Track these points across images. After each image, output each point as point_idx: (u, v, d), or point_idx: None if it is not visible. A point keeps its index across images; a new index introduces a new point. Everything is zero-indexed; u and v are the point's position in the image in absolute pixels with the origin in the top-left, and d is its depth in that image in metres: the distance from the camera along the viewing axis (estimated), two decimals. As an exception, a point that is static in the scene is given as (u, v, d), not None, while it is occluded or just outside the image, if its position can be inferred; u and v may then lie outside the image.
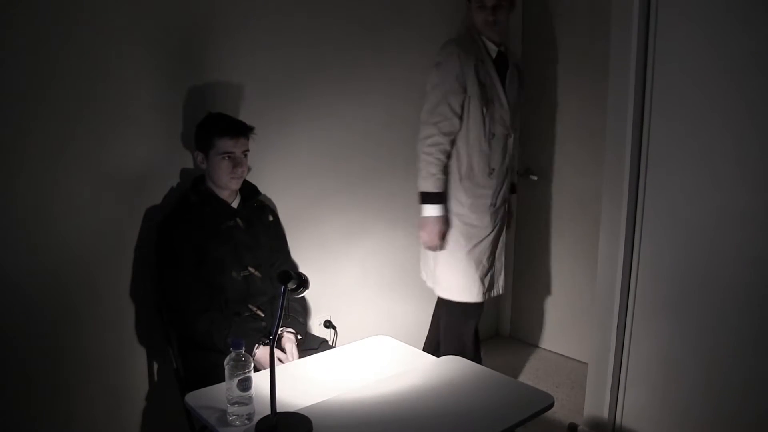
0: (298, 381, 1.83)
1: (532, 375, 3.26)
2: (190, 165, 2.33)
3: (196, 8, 2.29)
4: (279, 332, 2.14)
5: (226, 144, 2.13)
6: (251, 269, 2.20)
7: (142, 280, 2.27)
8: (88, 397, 2.21)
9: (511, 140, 2.60)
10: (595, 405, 2.64)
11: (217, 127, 2.15)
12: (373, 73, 2.89)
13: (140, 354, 2.33)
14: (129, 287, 2.26)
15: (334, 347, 2.29)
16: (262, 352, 2.04)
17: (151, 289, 2.26)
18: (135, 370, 2.33)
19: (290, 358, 2.09)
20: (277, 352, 2.06)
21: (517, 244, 3.65)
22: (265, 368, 1.90)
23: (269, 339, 2.15)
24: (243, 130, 2.18)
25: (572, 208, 3.34)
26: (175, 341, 2.22)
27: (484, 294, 2.64)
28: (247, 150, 2.20)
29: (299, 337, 2.21)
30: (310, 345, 2.24)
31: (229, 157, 2.14)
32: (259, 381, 1.63)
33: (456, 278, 2.62)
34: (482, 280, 2.62)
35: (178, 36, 2.27)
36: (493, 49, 2.55)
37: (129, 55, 2.15)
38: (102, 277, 2.20)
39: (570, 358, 3.42)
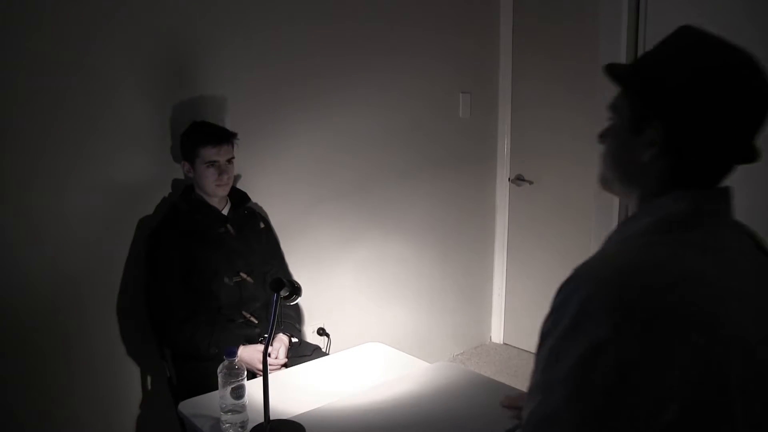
0: (291, 388, 1.83)
1: (525, 381, 3.24)
2: (182, 175, 2.33)
3: (187, 25, 2.31)
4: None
5: (209, 152, 2.14)
6: (243, 275, 2.21)
7: (134, 290, 2.26)
8: (81, 406, 2.20)
9: None
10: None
11: (199, 136, 2.17)
12: (366, 80, 2.90)
13: (133, 363, 2.32)
14: (122, 297, 2.26)
15: (328, 354, 2.29)
16: (242, 351, 2.04)
17: (143, 298, 2.26)
18: (128, 379, 2.32)
19: (276, 358, 2.10)
20: (259, 353, 2.06)
21: (510, 250, 3.66)
22: (248, 367, 1.91)
23: (259, 340, 2.16)
24: (225, 137, 2.19)
25: (565, 214, 3.36)
26: (168, 350, 2.21)
27: None
28: (232, 157, 2.21)
29: (294, 340, 2.22)
30: (303, 352, 2.24)
31: (213, 165, 2.15)
32: (253, 389, 1.62)
33: None
34: None
35: (169, 51, 2.28)
36: None
37: (122, 71, 2.17)
38: (95, 286, 2.20)
39: (563, 363, 3.42)
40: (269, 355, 2.06)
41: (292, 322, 2.31)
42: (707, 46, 0.89)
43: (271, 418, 1.52)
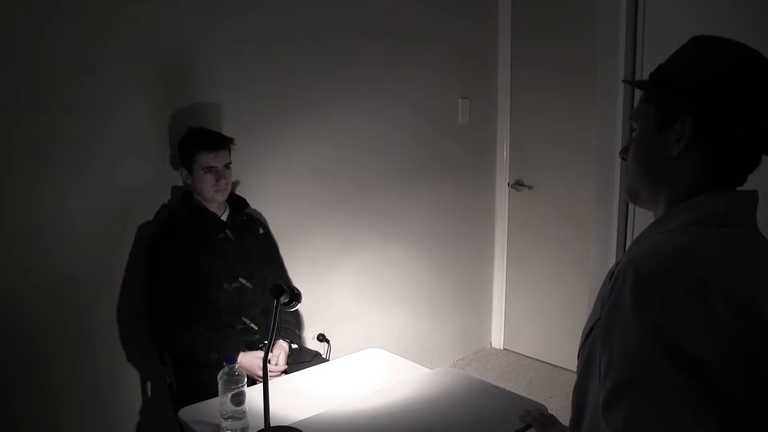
0: (291, 395, 1.83)
1: (525, 386, 3.26)
2: (181, 182, 2.34)
3: (187, 33, 2.32)
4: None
5: (206, 158, 2.15)
6: (242, 280, 2.21)
7: (135, 296, 2.26)
8: (81, 411, 2.20)
9: None
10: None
11: (196, 142, 2.17)
12: (365, 86, 2.91)
13: (133, 369, 2.32)
14: (122, 302, 2.26)
15: (328, 360, 2.29)
16: (243, 358, 2.05)
17: (143, 304, 2.26)
18: (128, 386, 2.32)
19: (276, 364, 2.10)
20: (259, 360, 2.06)
21: (510, 255, 3.67)
22: (248, 374, 1.92)
23: (259, 347, 2.16)
24: (222, 143, 2.19)
25: (565, 219, 3.36)
26: (168, 356, 2.21)
27: None
28: (229, 162, 2.22)
29: (294, 346, 2.22)
30: (303, 358, 2.24)
31: (211, 170, 2.16)
32: (253, 395, 1.62)
33: None
34: None
35: (169, 58, 2.29)
36: None
37: (122, 79, 2.17)
38: (96, 292, 2.20)
39: (563, 368, 3.42)
40: (269, 362, 2.07)
41: (292, 328, 2.31)
42: (723, 42, 0.94)
43: (272, 424, 1.52)
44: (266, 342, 1.65)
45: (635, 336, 0.80)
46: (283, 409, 1.69)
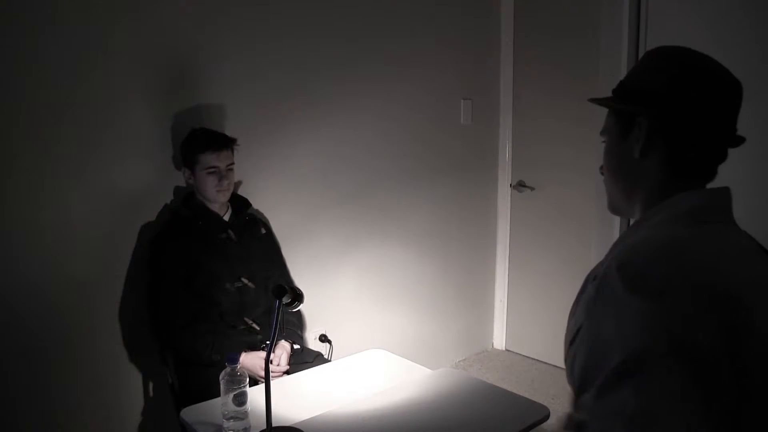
0: (293, 395, 1.83)
1: (527, 387, 3.26)
2: (183, 183, 2.34)
3: (190, 34, 2.32)
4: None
5: (209, 159, 2.15)
6: (244, 280, 2.21)
7: (137, 296, 2.26)
8: (83, 411, 2.20)
9: None
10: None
11: (198, 143, 2.18)
12: (367, 87, 2.91)
13: (135, 369, 2.32)
14: (125, 302, 2.26)
15: (330, 361, 2.29)
16: (245, 358, 2.05)
17: (145, 304, 2.26)
18: (130, 386, 2.32)
19: (278, 365, 2.10)
20: (261, 360, 2.06)
21: (512, 256, 3.66)
22: (250, 374, 1.92)
23: (261, 347, 2.16)
24: (225, 143, 2.20)
25: (566, 220, 3.36)
26: (170, 357, 2.21)
27: None
28: (232, 163, 2.22)
29: (296, 347, 2.22)
30: (305, 359, 2.24)
31: (213, 171, 2.16)
32: (255, 396, 1.63)
33: None
34: None
35: (171, 59, 2.29)
36: None
37: (125, 80, 2.18)
38: (98, 292, 2.20)
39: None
40: (271, 362, 2.07)
41: (294, 328, 2.31)
42: (669, 48, 1.01)
43: (273, 425, 1.52)
44: (268, 342, 1.65)
45: (630, 325, 0.81)
46: (285, 410, 1.69)
